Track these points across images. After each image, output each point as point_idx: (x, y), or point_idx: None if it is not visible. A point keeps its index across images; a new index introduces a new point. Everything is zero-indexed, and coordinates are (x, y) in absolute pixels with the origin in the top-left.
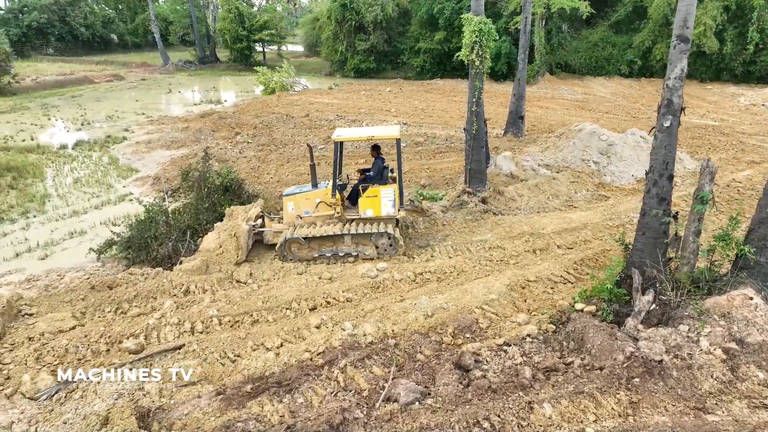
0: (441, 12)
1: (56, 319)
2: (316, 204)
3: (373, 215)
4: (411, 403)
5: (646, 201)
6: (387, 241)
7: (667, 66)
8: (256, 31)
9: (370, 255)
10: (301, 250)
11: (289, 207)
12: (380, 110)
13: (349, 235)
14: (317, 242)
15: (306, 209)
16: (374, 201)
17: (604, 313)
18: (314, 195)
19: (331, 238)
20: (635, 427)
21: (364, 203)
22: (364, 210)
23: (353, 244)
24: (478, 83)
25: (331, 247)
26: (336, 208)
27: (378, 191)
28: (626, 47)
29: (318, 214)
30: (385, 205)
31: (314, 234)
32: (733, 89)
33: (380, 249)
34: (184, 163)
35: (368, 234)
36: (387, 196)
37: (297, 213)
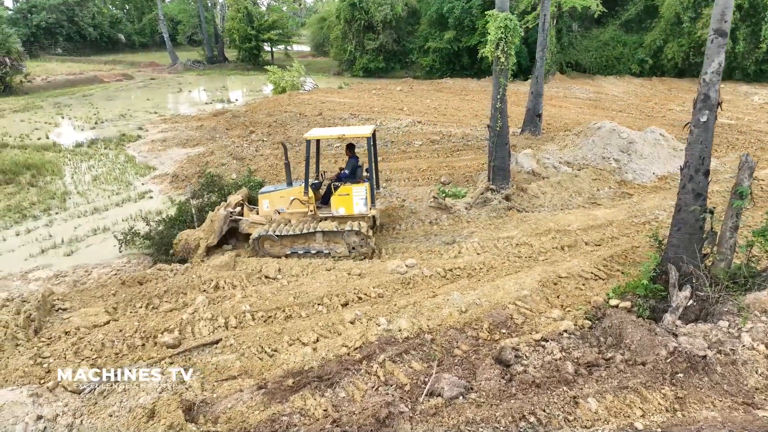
0: (451, 11)
1: (90, 314)
2: (289, 202)
3: (345, 213)
4: (455, 397)
5: (681, 197)
6: (358, 239)
7: (704, 60)
8: (265, 30)
9: (341, 253)
10: (274, 246)
11: (264, 205)
12: (393, 109)
13: (321, 233)
14: (290, 239)
15: (281, 207)
16: (346, 199)
17: (640, 309)
18: (288, 193)
19: (303, 236)
20: (684, 422)
21: (337, 201)
22: (336, 208)
23: (325, 241)
24: (503, 80)
25: (303, 244)
26: (309, 206)
27: (350, 189)
28: (637, 46)
29: (291, 211)
30: (357, 203)
31: (286, 232)
32: (746, 88)
33: (351, 247)
34: (201, 160)
35: (339, 232)
36: (359, 194)
37: (272, 210)
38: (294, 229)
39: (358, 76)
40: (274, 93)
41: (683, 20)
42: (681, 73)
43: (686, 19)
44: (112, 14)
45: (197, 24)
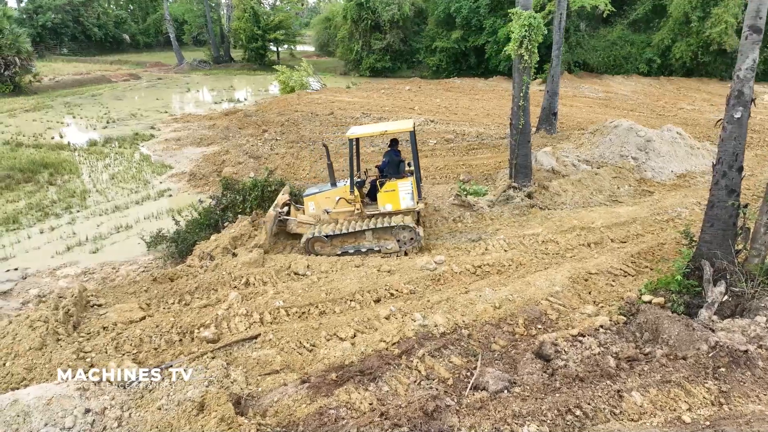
0: (458, 11)
1: (125, 310)
2: (336, 202)
3: (392, 209)
4: (500, 391)
5: (713, 193)
6: (408, 234)
7: (738, 56)
8: (271, 30)
9: (391, 249)
10: (324, 247)
11: (311, 207)
12: (403, 108)
13: (370, 231)
14: (340, 239)
15: (327, 207)
16: (393, 195)
17: (674, 305)
18: (334, 193)
19: (352, 235)
20: (731, 415)
21: (383, 198)
22: (383, 205)
23: (375, 239)
24: (526, 78)
25: (354, 243)
26: (355, 205)
27: (396, 185)
28: (645, 46)
29: (338, 210)
30: (404, 198)
31: (336, 232)
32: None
33: (401, 243)
34: (217, 159)
35: (389, 228)
36: (405, 189)
37: (319, 211)
38: (344, 229)
39: (364, 75)
40: (283, 93)
41: (692, 19)
42: (689, 73)
43: (695, 18)
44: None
45: (203, 24)
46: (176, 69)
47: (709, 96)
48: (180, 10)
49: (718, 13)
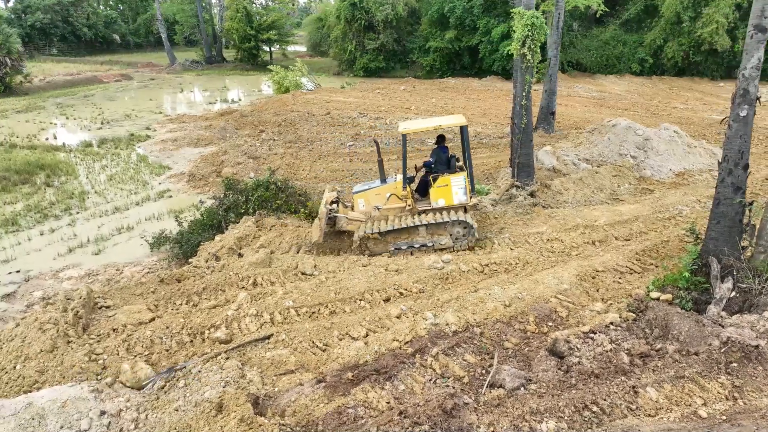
0: (452, 11)
1: (134, 312)
2: (386, 198)
3: (445, 204)
4: (517, 388)
5: (720, 190)
6: (462, 229)
7: (743, 56)
8: (264, 30)
9: (445, 244)
10: (377, 244)
11: (360, 204)
12: (400, 108)
13: (424, 226)
14: (393, 235)
15: (377, 204)
16: (446, 190)
17: (682, 301)
18: (384, 190)
19: (406, 231)
20: (746, 409)
21: (436, 193)
22: (436, 200)
23: (428, 234)
24: (529, 77)
25: (407, 239)
26: (407, 201)
27: (449, 180)
28: (637, 45)
29: (389, 207)
30: (457, 193)
31: (390, 228)
32: None
33: (455, 238)
34: (216, 159)
35: (443, 223)
36: (458, 184)
37: (369, 208)
38: (398, 225)
39: (358, 75)
40: (277, 93)
41: (683, 20)
42: (681, 72)
43: (686, 18)
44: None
45: (195, 24)
46: (168, 69)
47: (701, 95)
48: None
49: (709, 14)
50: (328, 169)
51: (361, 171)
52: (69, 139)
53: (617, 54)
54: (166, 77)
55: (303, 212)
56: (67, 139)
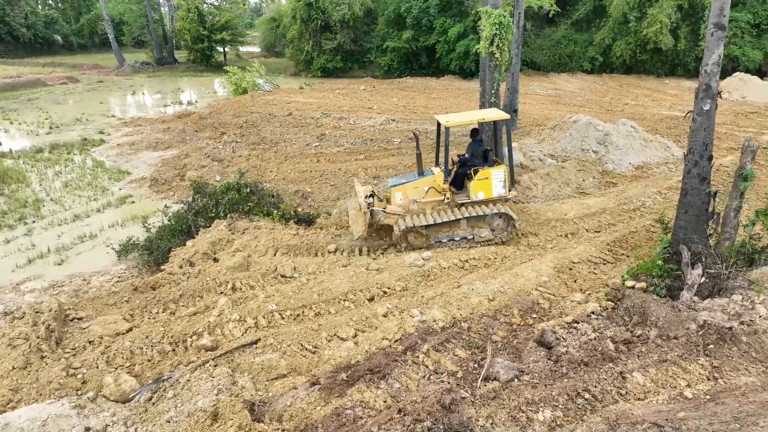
0: (409, 11)
1: (109, 322)
2: (425, 191)
3: (484, 197)
4: (511, 380)
5: (686, 181)
6: (502, 221)
7: (705, 53)
8: (217, 31)
9: (485, 237)
10: (418, 237)
11: (398, 197)
12: (362, 107)
13: (465, 219)
14: (435, 229)
15: (415, 197)
16: (486, 183)
17: (656, 289)
18: (423, 183)
19: (447, 224)
20: (727, 388)
21: (476, 186)
22: (476, 193)
23: (469, 227)
24: (497, 75)
25: (448, 232)
26: (446, 194)
27: (489, 173)
28: (587, 45)
29: (428, 200)
30: (496, 186)
31: (432, 221)
32: (689, 83)
33: (495, 231)
34: (178, 163)
35: (483, 216)
36: (498, 177)
37: (407, 202)
38: (443, 218)
39: (316, 76)
40: (235, 94)
41: (630, 20)
42: (629, 70)
43: (632, 18)
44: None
45: (145, 24)
46: (117, 71)
47: (649, 92)
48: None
49: (654, 14)
50: (296, 170)
51: (330, 172)
52: (15, 145)
53: (569, 53)
54: (116, 79)
55: (276, 214)
56: (13, 145)
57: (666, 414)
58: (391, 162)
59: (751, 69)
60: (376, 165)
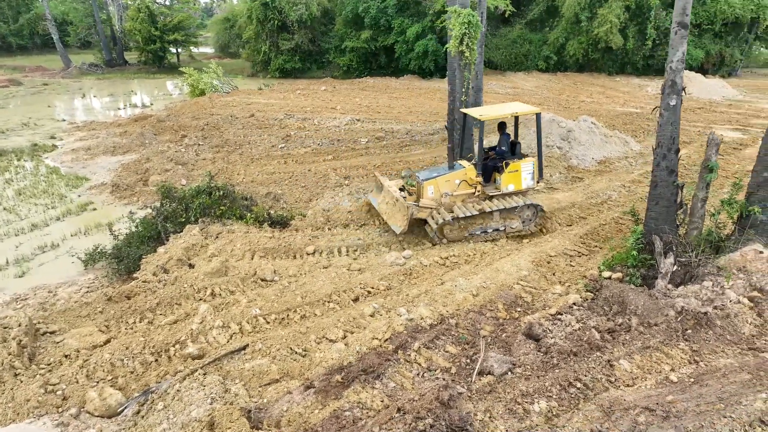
0: (366, 11)
1: (84, 335)
2: (456, 185)
3: (514, 189)
4: (505, 373)
5: (656, 173)
6: (531, 212)
7: (669, 50)
8: (170, 31)
9: (515, 228)
10: (454, 230)
11: (429, 191)
12: (325, 108)
13: (498, 211)
14: (469, 222)
15: (446, 191)
16: (516, 176)
17: (632, 278)
18: (454, 176)
19: (481, 216)
20: (709, 370)
21: (507, 178)
22: (506, 185)
23: (501, 219)
24: (467, 74)
25: (481, 224)
26: (477, 187)
27: (519, 166)
28: (542, 44)
29: (459, 193)
30: (525, 178)
31: (467, 214)
32: (638, 81)
33: (525, 221)
34: (139, 168)
35: (514, 208)
36: (527, 169)
37: (438, 195)
38: (474, 211)
39: (274, 77)
40: (192, 96)
41: (581, 20)
42: (581, 68)
43: (584, 18)
44: None
45: (91, 24)
46: (63, 74)
47: (602, 89)
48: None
49: (604, 14)
50: (264, 172)
51: (299, 173)
52: None
53: (524, 52)
54: (62, 82)
55: (250, 217)
56: None
57: (655, 398)
58: (360, 162)
59: (694, 67)
60: (345, 165)
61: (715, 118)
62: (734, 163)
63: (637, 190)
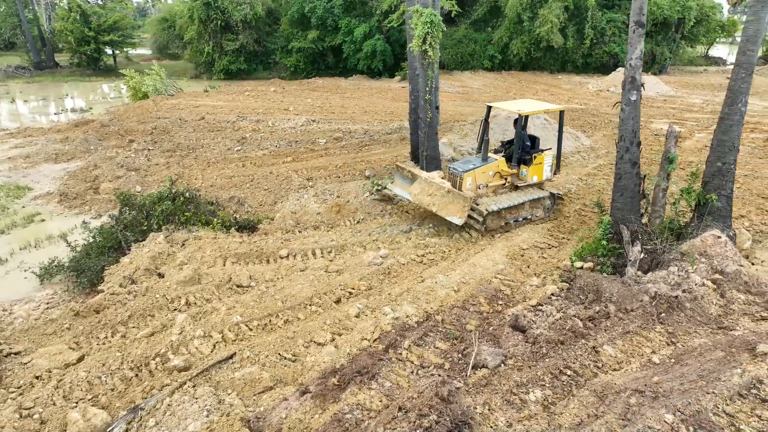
0: (313, 11)
1: (53, 354)
2: (491, 176)
3: (537, 180)
4: (498, 365)
5: (620, 166)
6: (550, 201)
7: (628, 48)
8: (105, 32)
9: (539, 216)
10: (494, 220)
11: (468, 182)
12: (278, 109)
13: (528, 201)
14: (508, 211)
15: (481, 182)
16: (539, 168)
17: (603, 267)
18: (489, 168)
19: (516, 206)
20: (686, 350)
21: (532, 171)
22: (531, 177)
23: (530, 208)
24: (431, 73)
25: (515, 214)
26: (507, 178)
27: (542, 158)
28: (486, 43)
29: (493, 184)
30: (546, 170)
31: (508, 204)
32: (579, 78)
33: (546, 210)
34: (87, 175)
35: (541, 198)
36: (548, 162)
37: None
38: (513, 201)
39: (219, 78)
40: (134, 99)
41: (523, 20)
42: (525, 67)
43: (525, 18)
44: None
45: (17, 24)
46: None
47: (546, 87)
48: None
49: (544, 14)
50: (222, 176)
51: (261, 176)
52: None
53: (470, 51)
54: None
55: (216, 223)
56: None
57: (643, 380)
58: (321, 163)
59: None
60: (305, 167)
61: (653, 113)
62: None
63: (594, 183)
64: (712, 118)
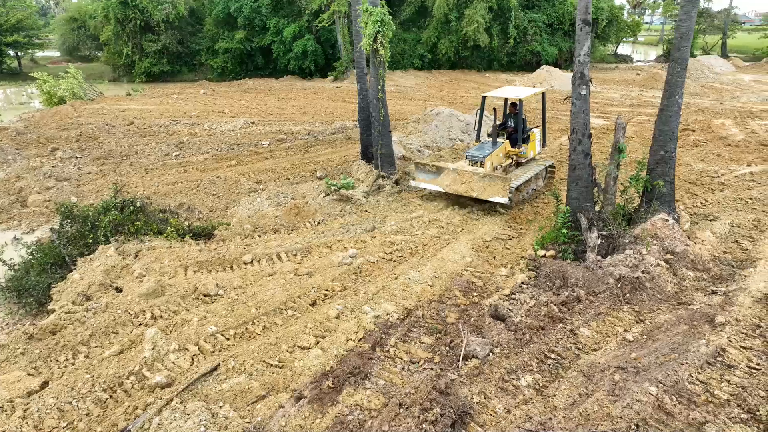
0: (239, 11)
1: (11, 382)
2: (501, 158)
3: (534, 155)
4: (487, 355)
5: (573, 158)
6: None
7: (576, 46)
8: (7, 32)
9: (540, 187)
10: (516, 195)
11: (488, 166)
12: (212, 112)
13: (534, 174)
14: (525, 185)
15: (496, 164)
16: (533, 144)
17: (565, 254)
18: (500, 150)
19: (528, 181)
20: (655, 326)
21: (530, 147)
22: (529, 153)
23: (535, 181)
24: (382, 71)
25: (528, 186)
26: (513, 157)
27: (534, 135)
28: (416, 43)
29: (505, 164)
30: (537, 146)
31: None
32: (505, 76)
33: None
34: (10, 188)
35: (540, 169)
36: (537, 139)
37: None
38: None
39: (140, 81)
40: (49, 105)
41: (450, 20)
42: (454, 66)
43: (453, 18)
44: None
45: None
46: None
47: (475, 84)
48: None
49: (470, 14)
50: (164, 182)
51: (207, 180)
52: None
53: (400, 51)
54: None
55: (170, 231)
56: None
57: (622, 358)
58: (267, 165)
59: (549, 62)
60: (251, 170)
61: None
62: (608, 147)
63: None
64: (631, 111)
